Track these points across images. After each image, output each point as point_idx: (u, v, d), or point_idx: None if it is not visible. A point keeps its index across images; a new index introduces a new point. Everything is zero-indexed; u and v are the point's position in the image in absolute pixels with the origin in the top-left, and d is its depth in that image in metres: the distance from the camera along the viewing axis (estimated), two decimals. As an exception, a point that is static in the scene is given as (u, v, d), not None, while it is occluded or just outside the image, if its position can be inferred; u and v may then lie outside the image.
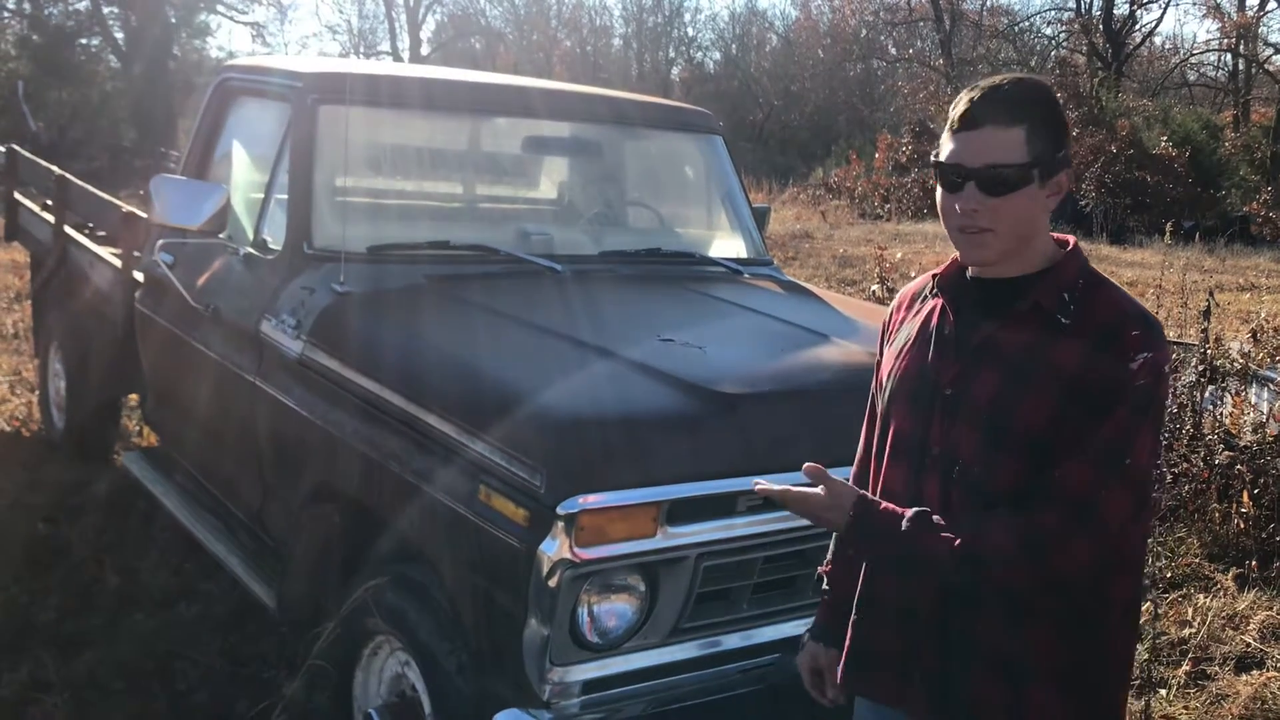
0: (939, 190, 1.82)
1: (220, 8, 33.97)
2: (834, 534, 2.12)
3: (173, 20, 31.39)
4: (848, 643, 2.01)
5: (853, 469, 2.15)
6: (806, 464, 1.87)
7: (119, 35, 31.49)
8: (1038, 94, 1.78)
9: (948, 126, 1.80)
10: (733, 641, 2.71)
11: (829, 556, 2.16)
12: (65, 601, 4.09)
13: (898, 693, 1.92)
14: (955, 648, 1.84)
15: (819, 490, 1.85)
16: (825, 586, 2.15)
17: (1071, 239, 1.88)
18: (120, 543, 4.58)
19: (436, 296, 3.44)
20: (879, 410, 2.03)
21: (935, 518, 1.77)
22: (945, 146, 1.80)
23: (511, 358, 2.95)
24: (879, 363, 2.08)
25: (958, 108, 1.78)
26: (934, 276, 1.97)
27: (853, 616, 2.00)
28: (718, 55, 50.54)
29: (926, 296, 1.98)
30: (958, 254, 1.89)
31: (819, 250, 16.19)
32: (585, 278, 3.76)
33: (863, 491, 1.88)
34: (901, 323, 2.02)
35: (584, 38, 51.94)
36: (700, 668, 2.65)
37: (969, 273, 1.90)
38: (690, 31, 52.58)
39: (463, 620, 2.65)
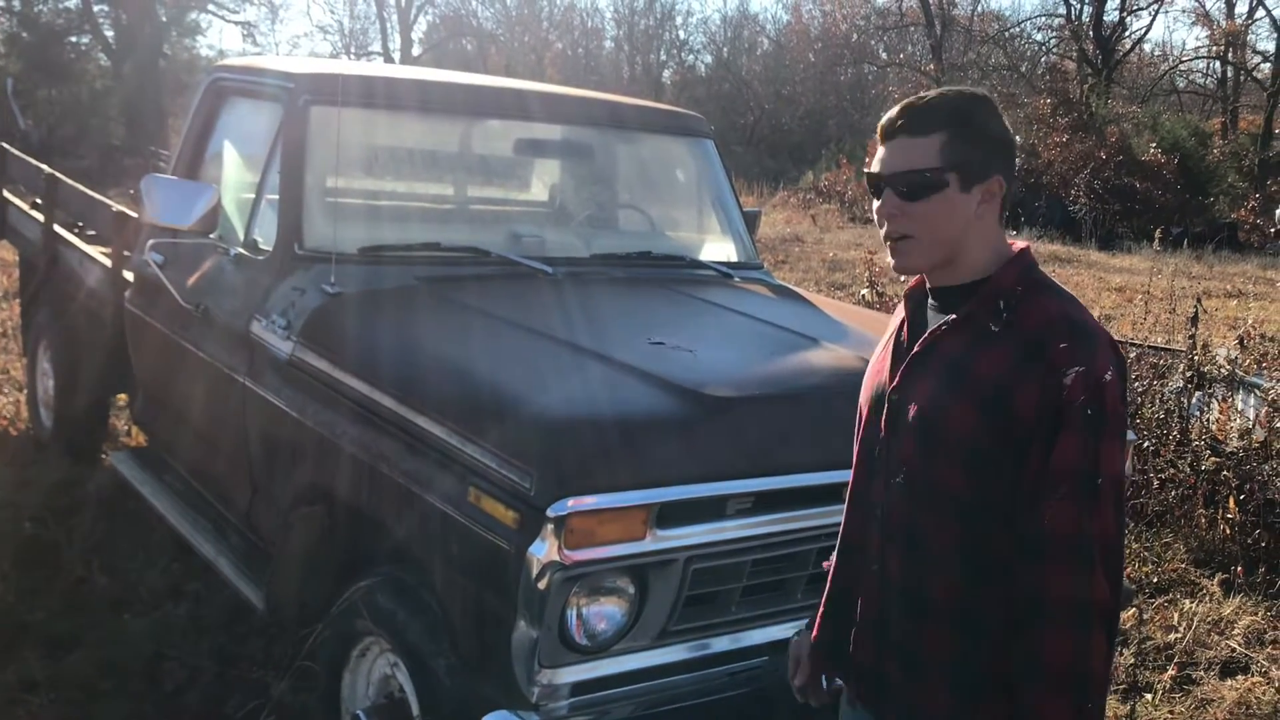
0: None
1: (211, 7, 33.87)
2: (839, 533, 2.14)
3: (163, 19, 31.29)
4: (817, 630, 2.09)
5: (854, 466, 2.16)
6: None
7: (109, 33, 31.37)
8: (959, 104, 1.80)
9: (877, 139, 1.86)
10: (722, 644, 2.71)
11: (834, 555, 2.16)
12: (53, 602, 4.08)
13: (874, 699, 1.95)
14: (887, 647, 1.88)
15: None
16: (829, 581, 2.15)
17: (1017, 246, 1.87)
18: (108, 543, 4.56)
19: (427, 298, 3.45)
20: None
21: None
22: (873, 158, 1.85)
23: (502, 360, 2.96)
24: None
25: (881, 121, 1.84)
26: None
27: (823, 605, 2.08)
28: (709, 58, 50.59)
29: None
30: None
31: (809, 254, 16.22)
32: (576, 280, 3.76)
33: None
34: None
35: (576, 40, 51.95)
36: (689, 670, 2.66)
37: (927, 283, 1.92)
38: (682, 34, 52.58)
39: (451, 622, 2.65)
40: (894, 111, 1.82)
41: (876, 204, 1.84)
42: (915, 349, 1.86)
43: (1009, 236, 1.89)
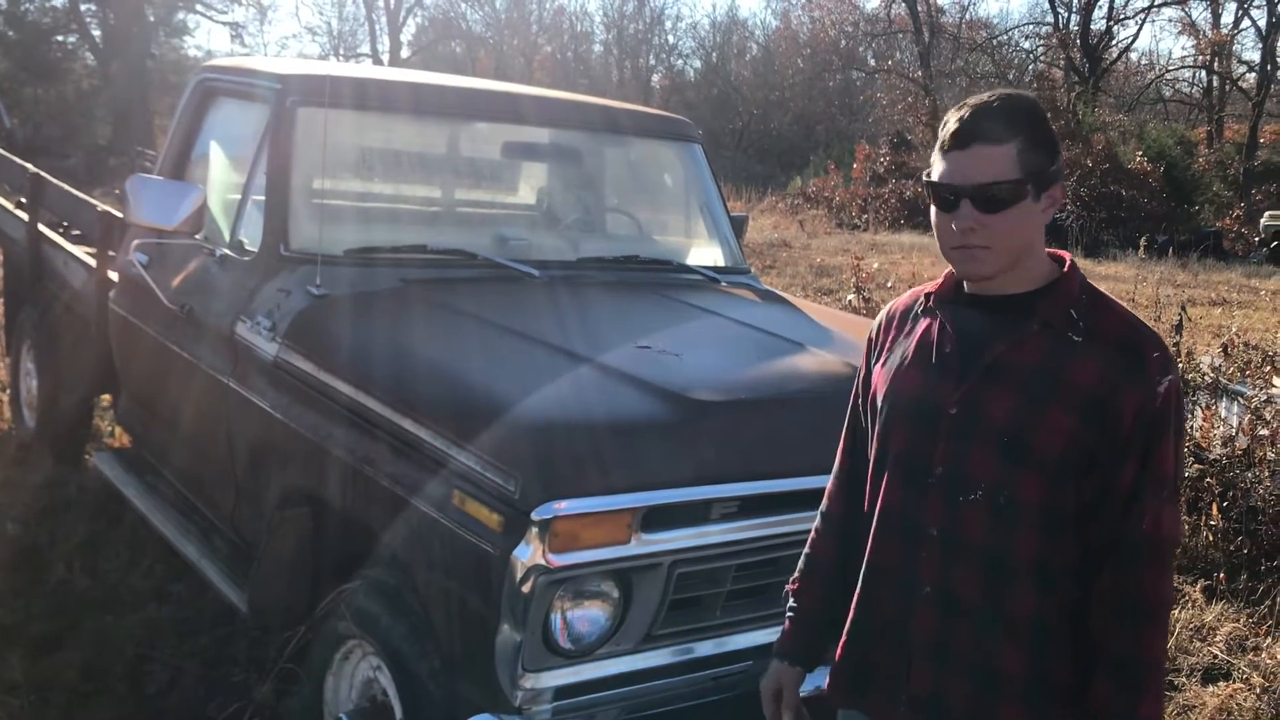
0: (933, 209, 1.81)
1: (199, 7, 33.78)
2: (804, 550, 2.12)
3: (151, 19, 31.20)
4: (839, 659, 1.99)
5: (829, 484, 2.13)
6: None
7: (96, 33, 31.27)
8: (1027, 109, 1.77)
9: (938, 146, 1.79)
10: (706, 648, 2.71)
11: (796, 574, 2.14)
12: (35, 603, 4.06)
13: (888, 713, 1.90)
14: (951, 669, 1.83)
15: None
16: (792, 604, 2.13)
17: (1066, 255, 1.87)
18: (91, 544, 4.54)
19: (413, 300, 3.44)
20: (871, 429, 1.98)
21: None
22: (936, 166, 1.79)
23: (487, 363, 2.95)
24: (863, 378, 2.04)
25: (947, 127, 1.77)
26: (926, 295, 1.95)
27: (846, 632, 1.97)
28: (698, 63, 50.72)
29: (919, 314, 1.95)
30: (952, 270, 1.87)
31: (796, 259, 16.26)
32: (562, 283, 3.76)
33: None
34: (893, 341, 1.97)
35: (565, 43, 52.00)
36: (673, 674, 2.66)
37: (966, 289, 1.88)
38: (671, 39, 52.69)
39: (435, 625, 2.64)
40: (965, 116, 1.76)
41: (942, 213, 1.79)
42: (985, 361, 1.80)
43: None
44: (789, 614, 2.14)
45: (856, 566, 1.96)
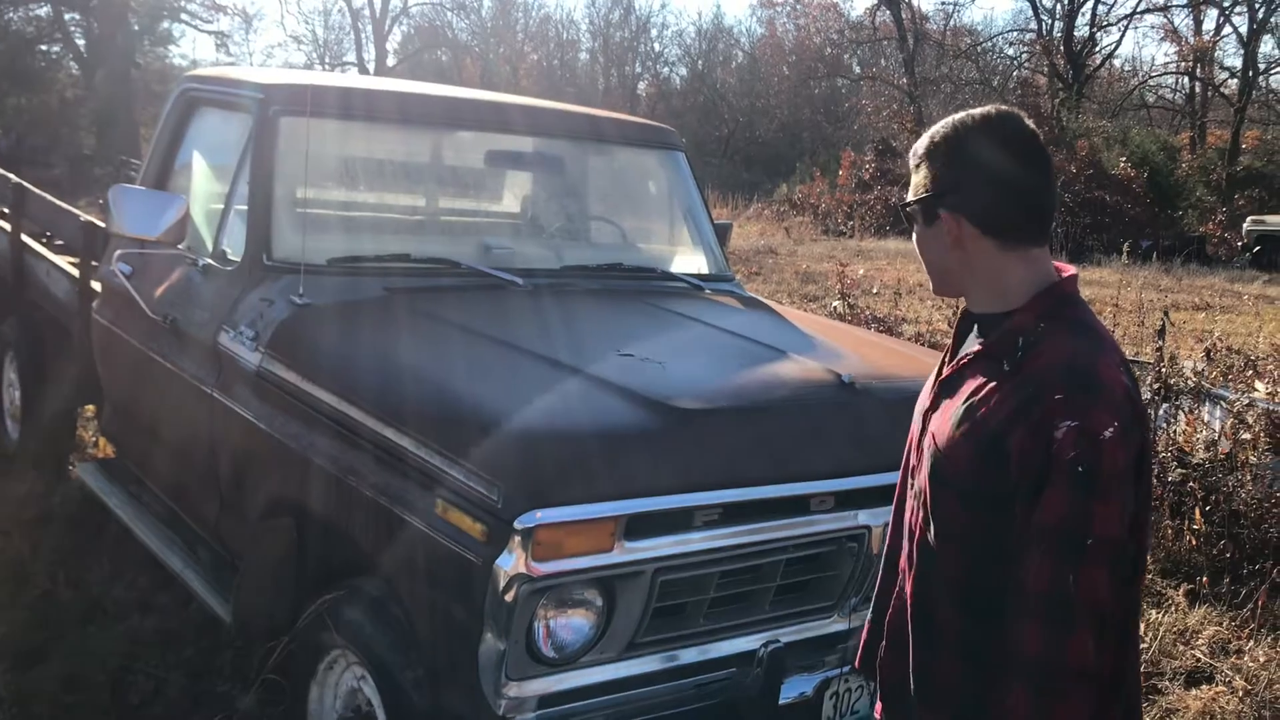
0: None
1: (184, 16, 33.78)
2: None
3: (135, 28, 31.13)
4: (865, 635, 2.09)
5: None
6: None
7: (80, 42, 31.19)
8: (936, 137, 1.79)
9: None
10: (689, 656, 2.71)
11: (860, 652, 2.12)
12: (18, 615, 4.04)
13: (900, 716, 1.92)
14: (904, 665, 1.86)
15: None
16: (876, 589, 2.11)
17: (1063, 273, 1.80)
18: (74, 555, 4.52)
19: (397, 309, 3.44)
20: None
21: None
22: None
23: (471, 372, 2.95)
24: None
25: None
26: None
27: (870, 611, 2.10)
28: (684, 71, 50.83)
29: None
30: None
31: (782, 266, 16.29)
32: (546, 292, 3.77)
33: None
34: None
35: (551, 51, 52.05)
36: (657, 682, 2.66)
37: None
38: (657, 47, 52.80)
39: (419, 634, 2.64)
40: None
41: None
42: (944, 374, 1.85)
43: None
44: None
45: None
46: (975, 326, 1.84)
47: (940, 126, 1.79)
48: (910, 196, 1.82)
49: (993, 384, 1.71)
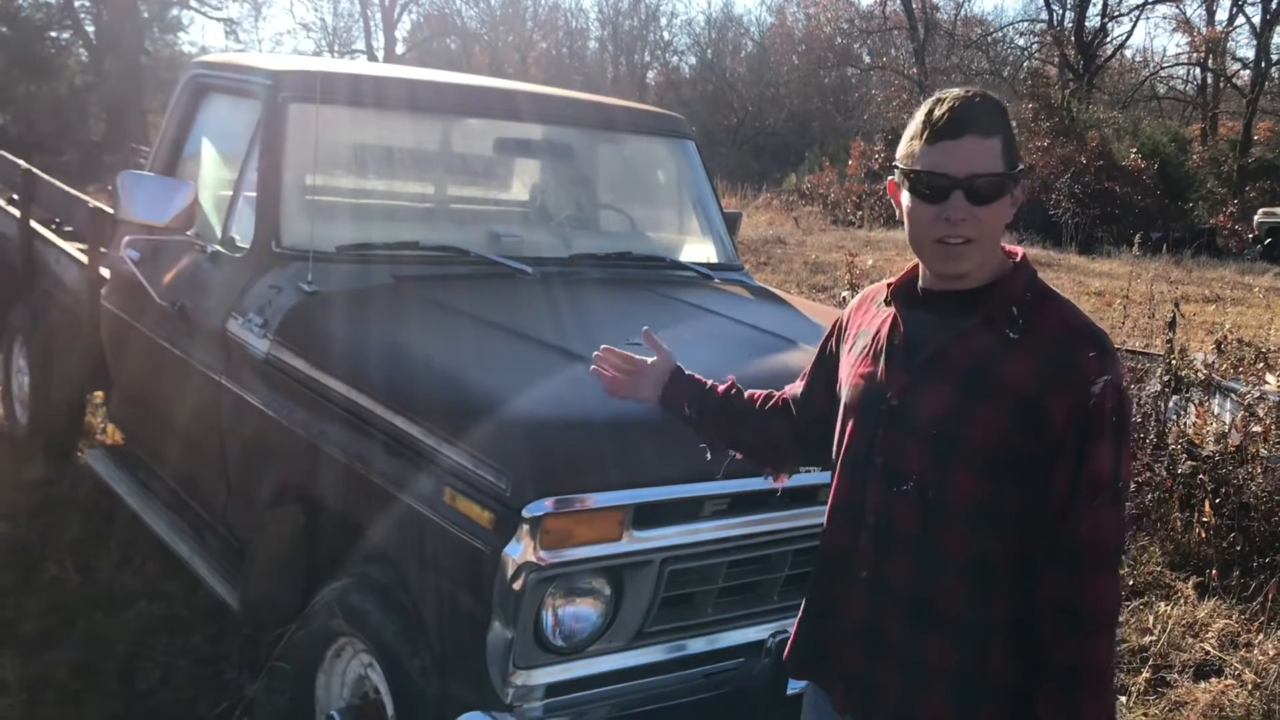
0: (909, 200, 1.78)
1: (193, 3, 33.74)
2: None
3: (145, 15, 31.11)
4: (795, 633, 2.04)
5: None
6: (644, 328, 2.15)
7: (90, 29, 31.20)
8: (1003, 109, 1.79)
9: (920, 135, 1.76)
10: (697, 646, 2.71)
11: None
12: (26, 601, 4.05)
13: (830, 688, 1.95)
14: (881, 655, 1.85)
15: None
16: (809, 590, 2.10)
17: (1019, 251, 1.86)
18: (83, 542, 4.53)
19: (405, 297, 3.43)
20: (810, 409, 2.14)
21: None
22: (922, 155, 1.76)
23: (479, 360, 2.95)
24: (820, 357, 2.15)
25: (935, 115, 1.75)
26: (888, 285, 1.96)
27: (802, 609, 2.03)
28: (693, 60, 50.67)
29: (881, 306, 1.97)
30: (922, 264, 1.87)
31: (791, 256, 16.25)
32: (555, 280, 3.75)
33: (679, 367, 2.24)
34: (858, 329, 2.01)
35: (560, 39, 51.94)
36: (664, 671, 2.66)
37: (921, 283, 1.89)
38: (666, 35, 52.69)
39: (426, 622, 2.64)
40: (956, 106, 1.74)
41: (926, 204, 1.76)
42: (925, 354, 1.82)
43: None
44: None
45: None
46: (928, 302, 1.85)
47: (989, 97, 1.78)
48: (998, 164, 1.73)
49: (1004, 352, 1.75)
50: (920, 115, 1.79)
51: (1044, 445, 1.70)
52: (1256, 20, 35.91)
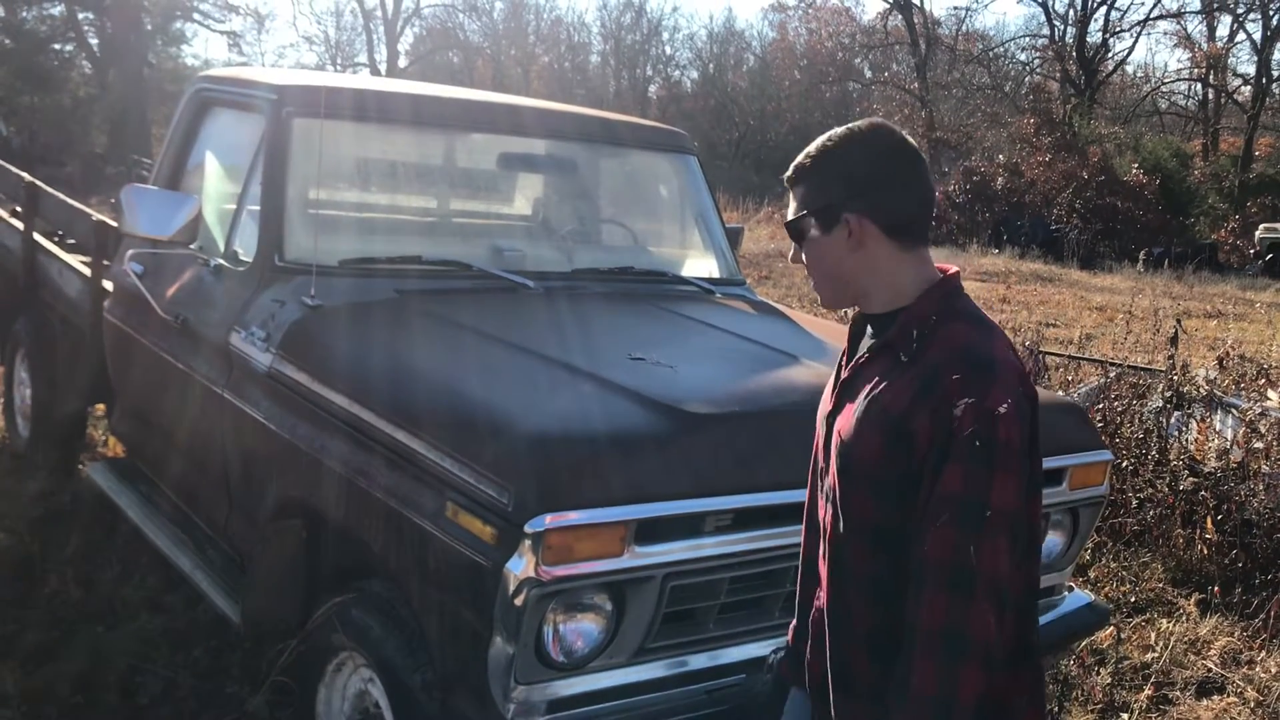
0: None
1: (197, 16, 33.89)
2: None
3: (149, 27, 31.25)
4: (789, 642, 2.13)
5: None
6: None
7: (94, 41, 31.32)
8: (821, 151, 1.86)
9: None
10: (699, 662, 2.70)
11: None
12: (27, 614, 4.05)
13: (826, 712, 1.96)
14: (850, 686, 1.88)
15: None
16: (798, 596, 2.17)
17: (947, 270, 1.88)
18: (84, 555, 4.53)
19: (408, 311, 3.44)
20: None
21: None
22: None
23: (481, 374, 2.95)
24: None
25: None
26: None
27: (795, 618, 2.12)
28: (695, 74, 50.86)
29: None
30: None
31: (793, 270, 16.24)
32: (557, 295, 3.76)
33: None
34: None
35: (562, 54, 52.11)
36: (666, 688, 2.65)
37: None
38: (668, 50, 52.85)
39: (428, 637, 2.63)
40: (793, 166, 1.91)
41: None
42: (844, 375, 1.91)
43: (993, 254, 1.90)
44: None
45: None
46: (868, 328, 1.92)
47: (826, 140, 1.86)
48: (801, 209, 1.86)
49: (893, 375, 1.79)
50: None
51: (914, 466, 1.72)
52: (1257, 36, 36.03)
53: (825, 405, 1.97)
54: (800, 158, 1.88)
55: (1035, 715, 1.86)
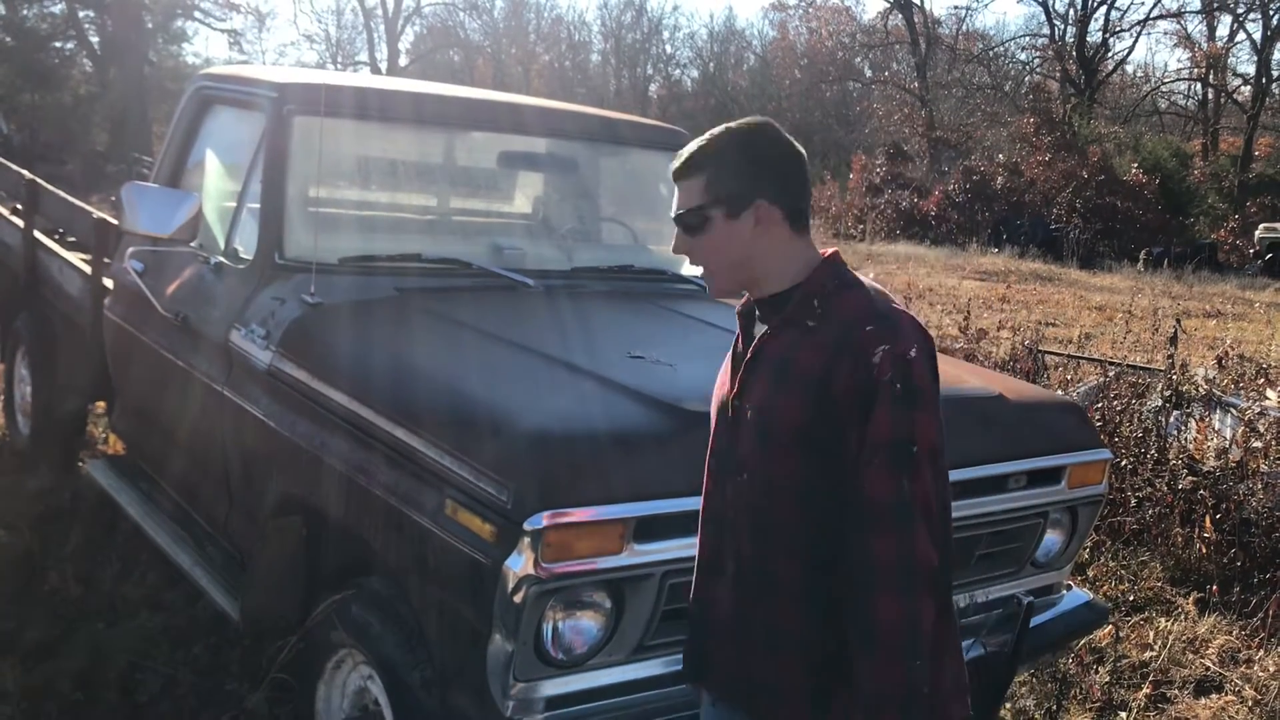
0: None
1: (197, 14, 33.91)
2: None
3: (149, 26, 31.25)
4: (685, 644, 2.17)
5: None
6: None
7: (95, 40, 31.32)
8: (718, 143, 1.95)
9: None
10: (697, 659, 2.71)
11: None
12: (26, 611, 4.05)
13: (742, 696, 2.03)
14: (748, 647, 1.97)
15: None
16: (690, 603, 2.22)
17: (830, 250, 2.02)
18: (84, 552, 4.54)
19: (408, 309, 3.44)
20: None
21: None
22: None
23: (481, 372, 2.96)
24: None
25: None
26: (738, 312, 2.12)
27: (688, 620, 2.16)
28: (696, 73, 50.86)
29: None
30: None
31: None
32: (557, 293, 3.77)
33: None
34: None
35: (563, 52, 52.12)
36: (664, 685, 2.65)
37: (751, 297, 2.05)
38: (669, 49, 52.85)
39: (427, 634, 2.64)
40: (675, 159, 1.98)
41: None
42: (746, 355, 1.98)
43: (992, 254, 1.93)
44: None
45: None
46: (758, 311, 2.02)
47: (723, 132, 1.96)
48: (697, 200, 1.93)
49: (803, 340, 1.90)
50: None
51: (839, 420, 1.83)
52: (1257, 36, 36.03)
53: (722, 390, 2.05)
54: (694, 149, 1.96)
55: (948, 629, 1.94)
